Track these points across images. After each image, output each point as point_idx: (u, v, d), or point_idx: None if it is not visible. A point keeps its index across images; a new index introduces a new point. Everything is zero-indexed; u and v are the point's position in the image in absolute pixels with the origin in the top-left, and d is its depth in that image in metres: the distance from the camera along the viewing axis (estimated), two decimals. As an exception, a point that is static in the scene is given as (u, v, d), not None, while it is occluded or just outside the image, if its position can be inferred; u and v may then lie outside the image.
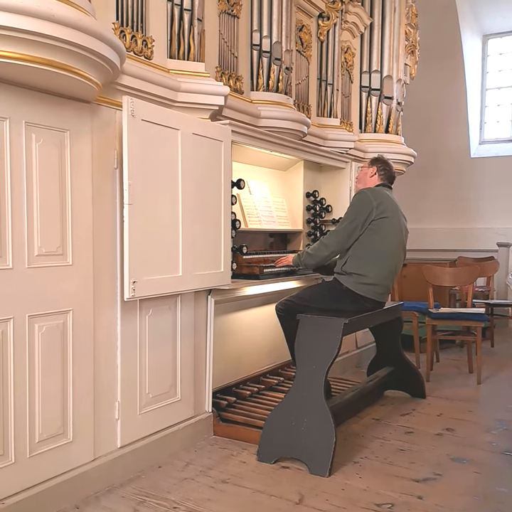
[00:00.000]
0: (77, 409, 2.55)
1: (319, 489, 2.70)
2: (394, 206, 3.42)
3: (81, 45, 2.03)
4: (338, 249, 3.35)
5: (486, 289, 6.53)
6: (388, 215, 3.33)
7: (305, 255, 3.43)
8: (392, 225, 3.36)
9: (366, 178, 3.55)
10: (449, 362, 5.38)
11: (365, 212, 3.28)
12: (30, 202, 2.31)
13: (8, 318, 2.25)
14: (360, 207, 3.31)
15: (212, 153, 3.08)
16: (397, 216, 3.43)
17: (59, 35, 1.95)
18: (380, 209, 3.30)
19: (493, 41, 8.34)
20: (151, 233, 2.70)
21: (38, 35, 1.91)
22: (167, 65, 3.00)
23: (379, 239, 3.31)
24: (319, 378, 2.98)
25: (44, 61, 1.99)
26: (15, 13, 1.85)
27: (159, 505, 2.53)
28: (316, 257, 3.38)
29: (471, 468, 2.96)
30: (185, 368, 3.16)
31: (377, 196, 3.34)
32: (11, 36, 1.88)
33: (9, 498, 2.26)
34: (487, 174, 7.92)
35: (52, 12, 1.91)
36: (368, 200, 3.31)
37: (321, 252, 3.36)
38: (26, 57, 1.95)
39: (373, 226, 3.29)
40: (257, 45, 3.73)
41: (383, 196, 3.38)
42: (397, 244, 3.42)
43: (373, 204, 3.29)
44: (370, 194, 3.34)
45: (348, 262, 3.35)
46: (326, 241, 3.36)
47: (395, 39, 5.21)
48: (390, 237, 3.36)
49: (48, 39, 1.94)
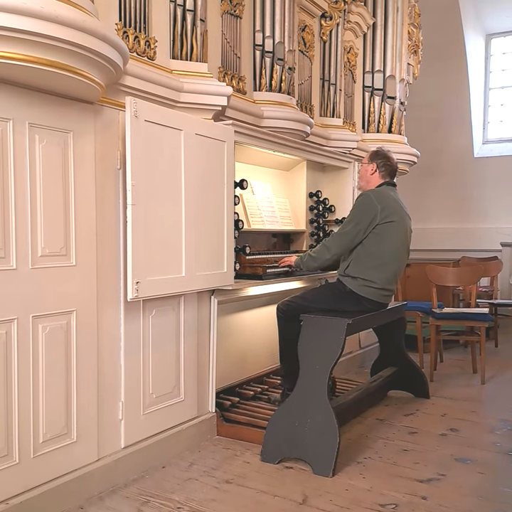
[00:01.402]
0: (81, 410, 2.56)
1: (323, 489, 2.70)
2: (399, 208, 3.38)
3: (84, 46, 2.04)
4: (341, 252, 3.34)
5: (489, 289, 6.51)
6: (393, 219, 3.28)
7: (307, 257, 3.42)
8: (397, 228, 3.32)
9: (367, 176, 3.50)
10: (452, 362, 5.37)
11: (369, 217, 3.24)
12: (33, 203, 2.32)
13: (12, 319, 2.26)
14: (364, 211, 3.26)
15: (215, 153, 3.08)
16: (403, 218, 3.38)
17: (63, 37, 1.95)
18: (384, 213, 3.26)
19: (496, 40, 8.32)
20: (154, 233, 2.71)
21: (41, 37, 1.92)
22: (170, 65, 3.01)
23: (383, 243, 3.28)
24: (322, 378, 2.97)
25: (48, 62, 1.99)
26: (19, 14, 1.85)
27: (163, 505, 2.53)
28: (318, 259, 3.37)
29: (475, 469, 2.95)
30: (189, 368, 3.16)
31: (382, 200, 3.29)
32: (15, 37, 1.89)
33: (13, 498, 2.27)
34: (490, 174, 7.90)
35: (56, 13, 1.91)
36: (371, 204, 3.26)
37: (323, 254, 3.34)
38: (30, 59, 1.95)
39: (377, 230, 3.26)
40: (259, 46, 3.73)
41: (388, 199, 3.33)
42: (401, 247, 3.39)
43: (377, 208, 3.25)
44: (374, 197, 3.29)
45: (351, 265, 3.33)
46: (329, 244, 3.34)
47: (398, 39, 5.21)
48: (394, 241, 3.32)
49: (52, 40, 1.94)
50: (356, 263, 3.32)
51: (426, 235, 7.83)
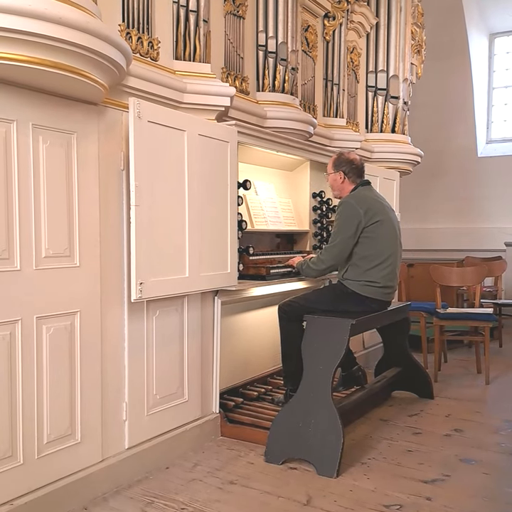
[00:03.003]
0: (85, 410, 2.56)
1: (327, 490, 2.70)
2: (380, 206, 3.39)
3: (88, 48, 2.04)
4: (336, 262, 3.37)
5: (493, 289, 6.50)
6: (379, 219, 3.30)
7: (306, 266, 3.45)
8: (384, 226, 3.34)
9: (338, 185, 3.47)
10: (456, 362, 5.35)
11: (354, 224, 3.26)
12: (37, 204, 2.32)
13: (16, 320, 2.26)
14: (348, 220, 3.27)
15: (218, 154, 3.08)
16: (387, 214, 3.39)
17: (66, 38, 1.96)
18: (368, 215, 3.27)
19: (500, 40, 8.30)
20: (157, 234, 2.71)
21: (45, 38, 1.92)
22: (173, 66, 3.01)
23: (375, 244, 3.30)
24: (326, 379, 2.97)
25: (51, 63, 1.99)
26: (23, 16, 1.85)
27: (167, 506, 2.54)
28: (316, 270, 3.42)
29: (479, 469, 2.94)
30: (193, 369, 3.16)
31: (362, 202, 3.30)
32: (19, 39, 1.89)
33: (17, 499, 2.27)
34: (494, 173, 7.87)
35: (60, 15, 1.91)
36: (353, 210, 3.27)
37: (320, 266, 3.39)
38: (34, 60, 1.95)
39: (366, 233, 3.28)
40: (262, 46, 3.73)
41: (368, 199, 3.35)
42: (393, 243, 3.41)
43: (360, 213, 3.26)
44: (355, 202, 3.30)
45: (348, 270, 3.36)
46: (323, 257, 3.37)
47: (401, 38, 5.20)
48: (385, 239, 3.35)
49: (56, 41, 1.94)
50: (353, 268, 3.34)
51: (430, 235, 7.82)
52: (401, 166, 5.35)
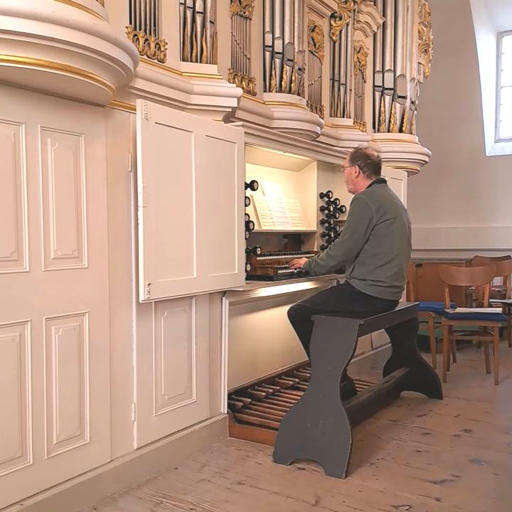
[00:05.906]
0: (94, 411, 2.57)
1: (336, 491, 2.69)
2: (393, 205, 3.38)
3: (95, 50, 2.05)
4: (345, 259, 3.36)
5: (502, 289, 6.46)
6: (390, 217, 3.29)
7: (314, 264, 3.45)
8: (395, 225, 3.32)
9: (353, 179, 3.49)
10: (465, 362, 5.33)
11: (366, 220, 3.25)
12: (46, 205, 2.34)
13: (25, 321, 2.28)
14: (360, 215, 3.27)
15: (225, 154, 3.09)
16: (399, 214, 3.38)
17: (74, 40, 1.97)
18: (380, 213, 3.27)
19: (508, 38, 8.24)
20: (165, 235, 2.72)
21: (53, 41, 1.93)
22: (180, 67, 3.02)
23: (384, 242, 3.29)
24: (335, 379, 2.97)
25: (59, 66, 2.01)
26: (30, 19, 1.87)
27: (176, 506, 2.54)
28: (325, 266, 3.41)
29: (489, 470, 2.93)
30: (201, 370, 3.17)
31: (375, 199, 3.30)
32: (27, 42, 1.90)
33: (27, 499, 2.29)
34: (503, 172, 7.83)
35: (67, 17, 1.92)
36: (366, 206, 3.27)
37: (329, 262, 3.38)
38: (41, 63, 1.97)
39: (377, 231, 3.27)
40: (269, 47, 3.73)
41: (381, 197, 3.34)
42: (402, 243, 3.39)
43: (372, 210, 3.26)
44: (368, 199, 3.30)
45: (355, 268, 3.35)
46: (332, 253, 3.35)
47: (408, 38, 5.19)
48: (394, 239, 3.33)
49: (63, 44, 1.96)
50: (360, 266, 3.33)
51: (438, 235, 7.78)
52: (409, 165, 5.33)
